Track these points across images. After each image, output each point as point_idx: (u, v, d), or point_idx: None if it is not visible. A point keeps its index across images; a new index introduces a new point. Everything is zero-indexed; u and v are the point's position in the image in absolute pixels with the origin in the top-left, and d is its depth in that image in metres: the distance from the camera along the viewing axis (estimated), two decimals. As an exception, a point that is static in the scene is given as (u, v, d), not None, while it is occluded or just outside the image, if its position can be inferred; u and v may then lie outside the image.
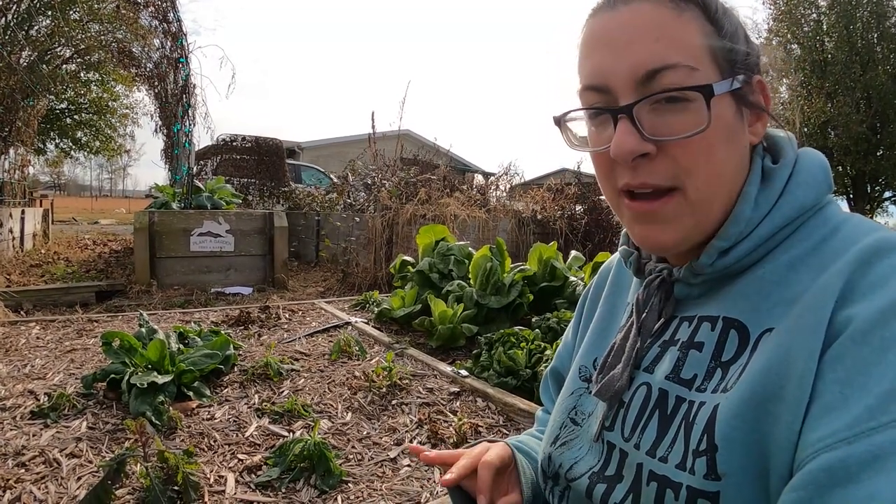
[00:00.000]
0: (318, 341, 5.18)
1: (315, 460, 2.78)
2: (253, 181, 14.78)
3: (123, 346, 3.71)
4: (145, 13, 12.07)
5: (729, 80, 0.83)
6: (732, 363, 0.82)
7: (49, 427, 3.16)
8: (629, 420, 0.93)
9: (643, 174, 0.85)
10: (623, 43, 0.84)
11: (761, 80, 0.89)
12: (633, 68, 0.82)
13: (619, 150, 0.83)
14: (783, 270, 0.83)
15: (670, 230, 0.88)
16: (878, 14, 23.34)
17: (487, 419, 3.58)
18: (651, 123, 0.83)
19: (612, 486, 0.91)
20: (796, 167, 0.89)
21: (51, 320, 5.65)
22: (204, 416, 3.41)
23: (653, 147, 0.83)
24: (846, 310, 0.70)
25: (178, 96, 11.03)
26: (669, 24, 0.83)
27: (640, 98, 0.83)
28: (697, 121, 0.81)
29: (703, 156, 0.83)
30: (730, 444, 0.74)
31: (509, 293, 5.49)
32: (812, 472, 0.63)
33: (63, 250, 11.29)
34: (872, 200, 26.20)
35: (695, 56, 0.82)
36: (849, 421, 0.63)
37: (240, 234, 8.94)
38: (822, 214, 0.86)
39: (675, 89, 0.81)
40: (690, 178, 0.83)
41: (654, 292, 0.98)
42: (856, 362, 0.66)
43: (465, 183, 13.07)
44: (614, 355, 0.99)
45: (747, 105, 0.87)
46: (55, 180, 72.49)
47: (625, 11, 0.85)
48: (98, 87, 24.30)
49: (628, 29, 0.84)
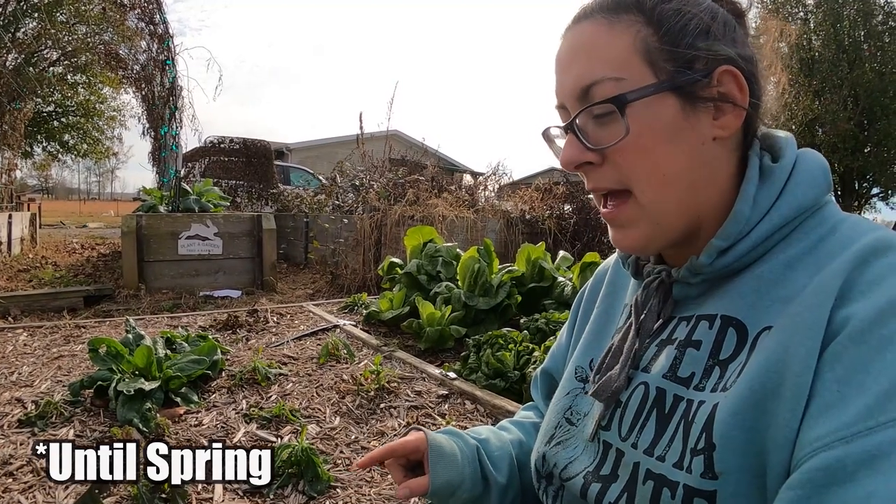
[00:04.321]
0: (306, 345, 5.18)
1: (303, 466, 2.78)
2: (241, 183, 14.76)
3: (110, 353, 3.70)
4: (132, 15, 12.03)
5: (662, 80, 0.85)
6: (731, 361, 0.82)
7: (37, 435, 3.15)
8: (626, 419, 0.93)
9: (592, 180, 0.92)
10: (566, 65, 0.92)
11: (730, 69, 0.86)
12: (573, 87, 0.89)
13: (563, 161, 0.92)
14: (781, 269, 0.84)
15: (631, 234, 0.92)
16: (865, 12, 23.48)
17: (476, 422, 3.58)
18: (595, 134, 0.89)
19: (606, 486, 0.91)
20: (796, 167, 0.89)
21: (38, 326, 5.63)
22: (192, 423, 3.41)
23: (593, 156, 0.89)
24: (844, 309, 0.71)
25: (165, 99, 11.02)
26: (600, 40, 0.87)
27: (577, 114, 0.89)
28: (620, 130, 0.85)
29: (639, 160, 0.86)
30: (728, 443, 0.74)
31: (497, 294, 5.50)
32: (809, 470, 0.64)
33: (51, 255, 11.25)
34: (860, 197, 26.33)
35: (620, 65, 0.85)
36: (847, 420, 0.63)
37: (228, 236, 8.91)
38: (819, 214, 0.87)
39: (597, 103, 0.86)
40: (634, 182, 0.87)
41: (653, 294, 0.99)
42: (854, 361, 0.67)
43: (454, 183, 13.06)
44: (612, 356, 1.00)
45: (702, 100, 0.86)
46: (43, 184, 72.09)
47: (570, 35, 0.93)
48: (85, 89, 24.21)
49: (570, 51, 0.92)
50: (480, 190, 12.86)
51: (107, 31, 14.10)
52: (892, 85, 23.02)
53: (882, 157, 24.30)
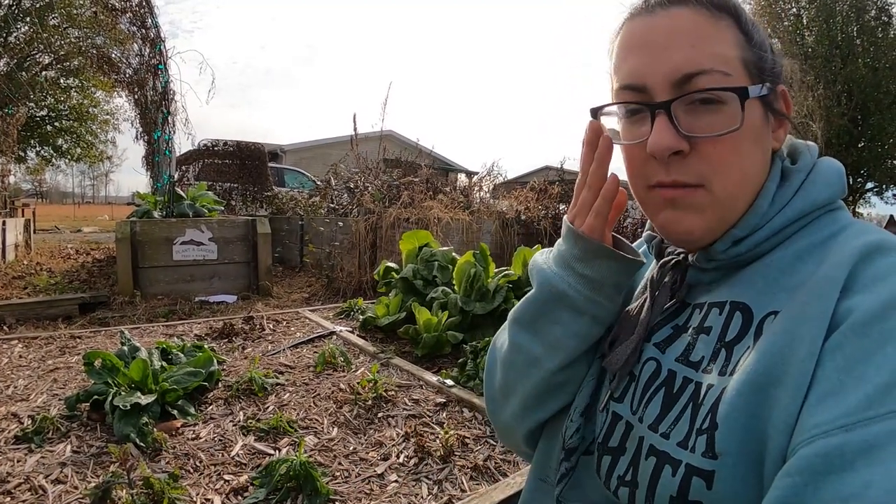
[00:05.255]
0: (302, 353, 5.17)
1: (301, 480, 2.77)
2: (236, 186, 14.69)
3: (106, 366, 3.69)
4: (123, 19, 11.99)
5: (759, 87, 0.88)
6: (736, 343, 0.84)
7: (33, 452, 3.13)
8: (637, 393, 0.94)
9: (675, 172, 0.89)
10: (661, 47, 0.88)
11: (784, 89, 0.94)
12: (671, 71, 0.87)
13: (657, 146, 0.87)
14: (790, 259, 0.86)
15: (697, 218, 0.90)
16: (858, 8, 23.60)
17: (475, 430, 3.58)
18: (687, 122, 0.87)
19: (616, 459, 0.94)
20: (813, 170, 0.93)
21: (33, 337, 5.61)
22: (189, 436, 3.39)
23: (686, 145, 0.87)
24: (848, 300, 0.73)
25: (158, 103, 10.96)
26: (706, 32, 0.87)
27: (677, 96, 0.87)
28: (730, 121, 0.85)
29: (733, 155, 0.87)
30: (730, 424, 0.75)
31: (494, 299, 5.49)
32: (808, 457, 0.64)
33: (46, 261, 11.20)
34: (855, 192, 26.45)
35: (728, 63, 0.87)
36: (846, 409, 0.64)
37: (223, 241, 8.88)
38: (832, 215, 0.90)
39: (712, 89, 0.85)
40: (718, 175, 0.87)
41: (668, 272, 1.01)
42: (856, 352, 0.68)
43: (448, 184, 13.05)
44: (626, 329, 1.01)
45: (773, 112, 0.92)
46: (37, 188, 71.91)
47: (664, 16, 0.90)
48: (78, 93, 24.22)
49: (667, 34, 0.89)
50: (475, 190, 12.85)
51: (99, 35, 14.07)
52: (886, 80, 23.17)
53: (876, 152, 24.45)
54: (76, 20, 15.63)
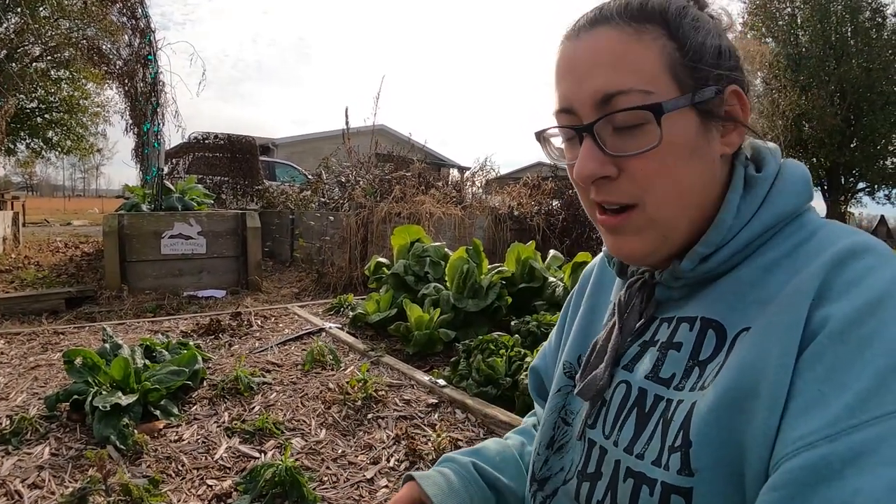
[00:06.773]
0: (290, 350, 5.07)
1: (287, 486, 2.68)
2: (226, 179, 14.60)
3: (87, 364, 3.58)
4: (113, 10, 11.89)
5: (689, 95, 0.85)
6: (709, 362, 0.83)
7: (10, 454, 3.03)
8: (609, 417, 0.95)
9: (604, 193, 0.89)
10: (583, 72, 0.88)
11: (737, 90, 0.90)
12: (593, 93, 0.86)
13: (580, 174, 0.88)
14: (760, 272, 0.85)
15: (637, 241, 0.91)
16: (852, 8, 23.81)
17: (467, 432, 3.49)
18: (613, 142, 0.86)
19: (594, 485, 0.93)
20: (778, 177, 0.91)
21: (15, 333, 5.50)
22: (171, 438, 3.29)
23: (613, 169, 0.87)
24: (823, 309, 0.72)
25: (148, 94, 10.86)
26: (627, 50, 0.86)
27: (599, 118, 0.86)
28: (651, 138, 0.83)
29: (661, 171, 0.85)
30: (704, 440, 0.75)
31: (487, 296, 5.41)
32: (793, 470, 0.64)
33: (34, 254, 11.08)
34: (847, 192, 26.65)
35: (650, 78, 0.85)
36: (829, 419, 0.64)
37: (212, 235, 8.78)
38: (799, 220, 0.88)
39: (624, 109, 0.84)
40: (648, 194, 0.87)
41: (636, 294, 1.00)
42: (834, 361, 0.67)
43: (441, 179, 13.00)
44: (596, 355, 1.01)
45: (716, 118, 0.88)
46: (27, 181, 71.67)
47: (587, 40, 0.90)
48: (69, 85, 24.10)
49: (590, 56, 0.89)
50: (468, 186, 12.80)
51: (90, 26, 13.96)
52: (879, 81, 23.37)
53: (868, 153, 24.65)
54: (67, 11, 15.49)
